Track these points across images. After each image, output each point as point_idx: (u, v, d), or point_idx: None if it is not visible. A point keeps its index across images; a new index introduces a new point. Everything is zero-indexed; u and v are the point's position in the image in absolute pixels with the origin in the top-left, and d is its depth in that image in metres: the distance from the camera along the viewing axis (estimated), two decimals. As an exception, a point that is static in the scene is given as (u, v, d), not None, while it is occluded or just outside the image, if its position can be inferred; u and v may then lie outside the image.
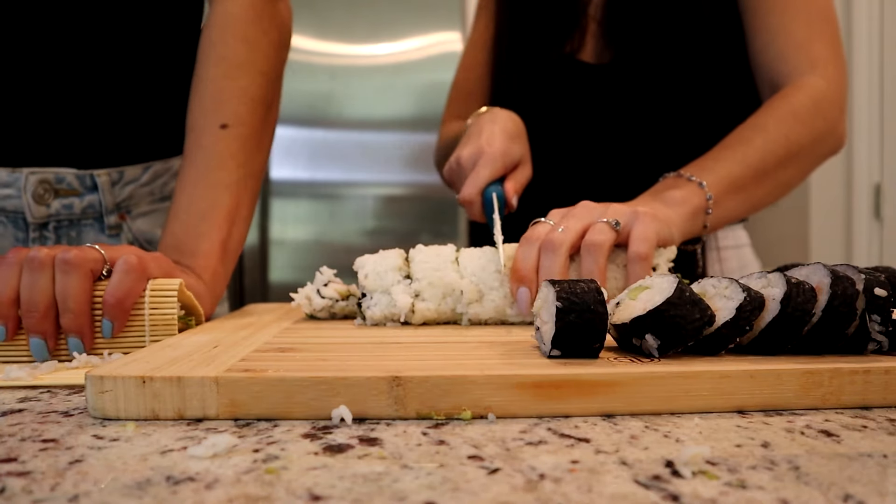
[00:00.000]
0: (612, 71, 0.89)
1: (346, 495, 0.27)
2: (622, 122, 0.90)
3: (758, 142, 0.75)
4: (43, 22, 0.73)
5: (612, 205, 0.64)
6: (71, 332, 0.52)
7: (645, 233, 0.61)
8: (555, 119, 0.93)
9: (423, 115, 2.16)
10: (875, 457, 0.31)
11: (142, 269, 0.54)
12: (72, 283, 0.52)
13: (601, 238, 0.60)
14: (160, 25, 0.79)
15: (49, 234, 0.77)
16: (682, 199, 0.70)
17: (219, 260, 0.68)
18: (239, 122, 0.71)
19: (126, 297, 0.53)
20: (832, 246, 2.35)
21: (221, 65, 0.72)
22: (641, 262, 0.60)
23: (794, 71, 0.81)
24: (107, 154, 0.78)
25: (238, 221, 0.71)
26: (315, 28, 2.15)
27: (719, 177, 0.73)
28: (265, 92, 0.74)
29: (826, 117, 0.79)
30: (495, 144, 0.75)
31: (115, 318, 0.53)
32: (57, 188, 0.75)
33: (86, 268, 0.53)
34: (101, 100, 0.77)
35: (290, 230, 2.17)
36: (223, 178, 0.70)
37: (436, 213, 2.17)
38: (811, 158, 0.81)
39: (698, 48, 0.87)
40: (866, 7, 2.30)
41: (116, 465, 0.30)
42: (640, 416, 0.38)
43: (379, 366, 0.40)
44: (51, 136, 0.76)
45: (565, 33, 0.92)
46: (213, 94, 0.72)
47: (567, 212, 0.64)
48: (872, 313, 0.43)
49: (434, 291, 0.61)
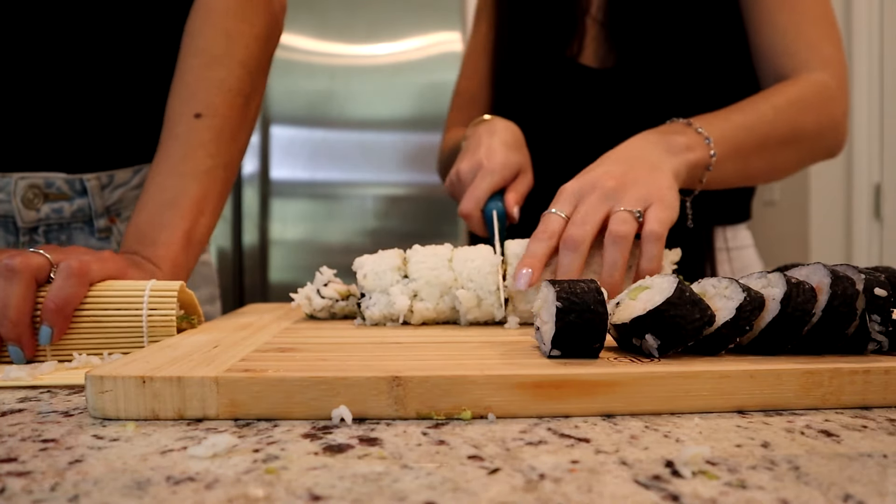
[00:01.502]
0: (615, 75, 0.89)
1: (346, 495, 0.27)
2: (626, 126, 0.89)
3: (767, 114, 0.76)
4: (31, 27, 0.72)
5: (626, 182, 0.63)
6: (9, 340, 0.52)
7: (660, 214, 0.61)
8: (558, 124, 0.93)
9: (423, 115, 2.16)
10: (875, 457, 0.31)
11: (83, 273, 0.54)
12: (12, 290, 0.51)
13: (626, 229, 0.60)
14: (147, 28, 0.79)
15: (39, 237, 0.77)
16: (687, 146, 0.70)
17: (181, 249, 0.67)
18: (213, 112, 0.70)
19: (66, 303, 0.53)
20: (832, 246, 2.35)
21: (200, 56, 0.72)
22: (656, 241, 0.60)
23: (803, 66, 0.81)
24: (96, 158, 0.78)
25: (206, 212, 0.70)
26: (315, 28, 2.15)
27: (724, 136, 0.73)
28: (244, 84, 0.73)
29: (832, 113, 0.80)
30: (494, 157, 0.75)
31: (55, 324, 0.52)
32: (46, 192, 0.75)
33: (27, 274, 0.52)
34: (90, 104, 0.77)
35: (289, 230, 2.17)
36: (191, 168, 0.69)
37: (436, 213, 2.17)
38: (811, 149, 0.82)
39: (702, 49, 0.87)
40: (866, 7, 2.30)
41: (116, 465, 0.30)
42: (640, 416, 0.38)
43: (379, 366, 0.40)
44: (40, 141, 0.75)
45: (566, 36, 0.92)
46: (190, 84, 0.71)
47: (580, 194, 0.63)
48: (872, 313, 0.43)
49: (432, 291, 0.61)
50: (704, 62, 0.87)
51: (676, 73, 0.86)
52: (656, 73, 0.87)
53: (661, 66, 0.87)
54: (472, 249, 0.63)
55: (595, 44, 0.91)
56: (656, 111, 0.88)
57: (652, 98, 0.87)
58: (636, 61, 0.87)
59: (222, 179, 0.72)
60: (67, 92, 0.75)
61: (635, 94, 0.88)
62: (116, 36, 0.77)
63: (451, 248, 0.64)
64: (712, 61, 0.87)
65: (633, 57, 0.88)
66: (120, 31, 0.77)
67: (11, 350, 0.52)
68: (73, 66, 0.75)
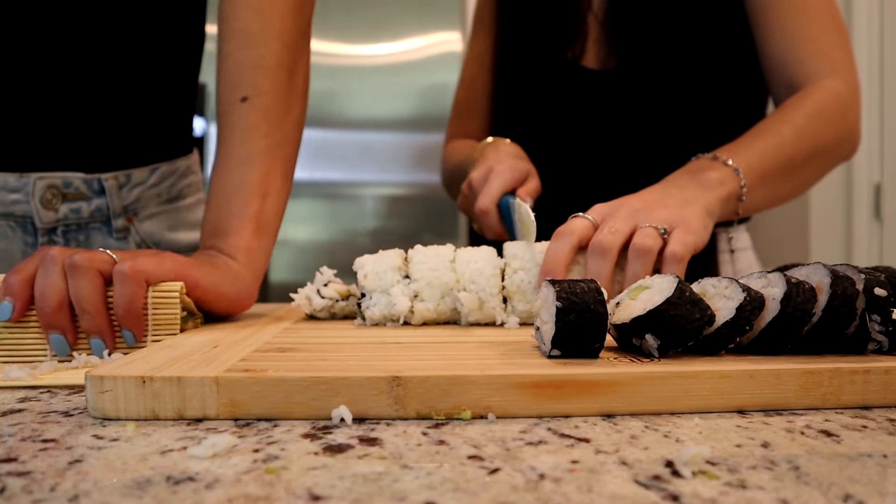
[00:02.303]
0: (617, 77, 0.89)
1: (346, 495, 0.27)
2: (629, 129, 0.89)
3: (789, 136, 0.76)
4: (48, 27, 0.73)
5: (654, 205, 0.65)
6: (91, 333, 0.53)
7: (684, 238, 0.62)
8: (560, 127, 0.93)
9: (423, 115, 2.16)
10: (875, 457, 0.31)
11: (136, 274, 0.54)
12: (82, 283, 0.52)
13: (650, 242, 0.60)
14: (164, 28, 0.79)
15: (58, 238, 0.77)
16: (719, 181, 0.70)
17: (252, 235, 0.66)
18: (257, 92, 0.69)
19: (131, 304, 0.53)
20: (832, 246, 2.35)
21: (235, 38, 0.71)
22: (677, 262, 0.60)
23: (814, 74, 0.81)
24: (114, 158, 0.79)
25: (271, 193, 0.69)
26: (315, 28, 2.14)
27: (751, 165, 0.73)
28: (283, 58, 0.72)
29: (848, 122, 0.81)
30: (503, 161, 0.79)
31: (133, 326, 0.53)
32: (65, 193, 0.76)
33: (93, 268, 0.53)
34: (107, 103, 0.77)
35: (290, 230, 2.17)
36: (248, 152, 0.68)
37: (436, 213, 2.17)
38: (832, 159, 0.82)
39: (706, 51, 0.86)
40: (866, 7, 2.30)
41: (116, 465, 0.30)
42: (640, 416, 0.38)
43: (379, 366, 0.40)
44: (58, 141, 0.76)
45: (567, 39, 0.92)
46: (231, 69, 0.71)
47: (610, 211, 0.64)
48: (872, 313, 0.43)
49: (433, 292, 0.61)
50: (706, 64, 0.87)
51: (678, 75, 0.86)
52: (658, 76, 0.87)
53: (662, 69, 0.86)
54: (474, 250, 0.63)
55: (597, 46, 0.91)
56: (658, 113, 0.88)
57: (654, 100, 0.87)
58: (638, 63, 0.87)
59: (282, 158, 0.71)
60: (84, 91, 0.76)
61: (637, 97, 0.88)
62: (131, 35, 0.77)
63: (452, 248, 0.64)
64: (714, 63, 0.87)
65: (635, 59, 0.87)
66: (135, 31, 0.77)
67: (94, 343, 0.53)
68: (90, 66, 0.76)
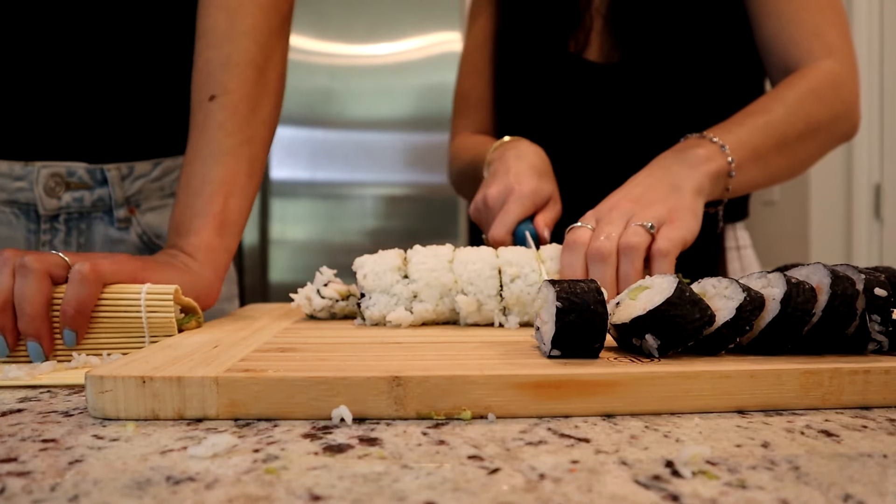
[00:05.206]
0: (620, 70, 0.89)
1: (346, 495, 0.27)
2: (632, 122, 0.89)
3: (779, 113, 0.76)
4: (54, 18, 0.73)
5: (643, 201, 0.65)
6: (28, 335, 0.52)
7: (671, 234, 0.62)
8: (562, 120, 0.92)
9: (423, 115, 2.16)
10: (875, 457, 0.31)
11: (95, 275, 0.54)
12: (27, 285, 0.52)
13: (636, 240, 0.61)
14: (170, 21, 0.80)
15: (60, 226, 0.78)
16: (706, 157, 0.70)
17: (213, 234, 0.66)
18: (224, 90, 0.69)
19: (82, 305, 0.53)
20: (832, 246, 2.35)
21: (205, 36, 0.71)
22: (662, 258, 0.61)
23: (808, 55, 0.82)
24: (117, 149, 0.79)
25: (235, 192, 0.69)
26: (314, 28, 2.15)
27: (741, 141, 0.73)
28: (252, 55, 0.71)
29: (844, 99, 0.81)
30: (524, 183, 0.74)
31: (76, 327, 0.53)
32: (68, 181, 0.77)
33: (41, 270, 0.53)
34: (112, 95, 0.78)
35: (290, 230, 2.17)
36: (213, 151, 0.68)
37: (436, 213, 2.17)
38: (828, 137, 0.82)
39: (707, 43, 0.86)
40: (866, 6, 2.30)
41: (116, 465, 0.30)
42: (640, 416, 0.38)
43: (379, 366, 0.40)
44: (63, 131, 0.77)
45: (569, 32, 0.92)
46: (201, 68, 0.71)
47: (601, 216, 0.65)
48: (872, 313, 0.43)
49: (431, 292, 0.61)
50: (709, 56, 0.87)
51: (681, 67, 0.86)
52: (661, 68, 0.87)
53: (665, 61, 0.86)
54: (473, 251, 0.63)
55: (599, 39, 0.91)
56: (661, 106, 0.88)
57: (657, 93, 0.87)
58: (640, 56, 0.87)
59: (247, 157, 0.70)
60: (89, 82, 0.77)
61: (640, 90, 0.88)
62: (138, 28, 0.78)
63: (452, 248, 0.64)
64: (717, 55, 0.87)
65: (638, 52, 0.87)
66: (141, 24, 0.78)
67: (31, 346, 0.52)
68: (95, 57, 0.76)
